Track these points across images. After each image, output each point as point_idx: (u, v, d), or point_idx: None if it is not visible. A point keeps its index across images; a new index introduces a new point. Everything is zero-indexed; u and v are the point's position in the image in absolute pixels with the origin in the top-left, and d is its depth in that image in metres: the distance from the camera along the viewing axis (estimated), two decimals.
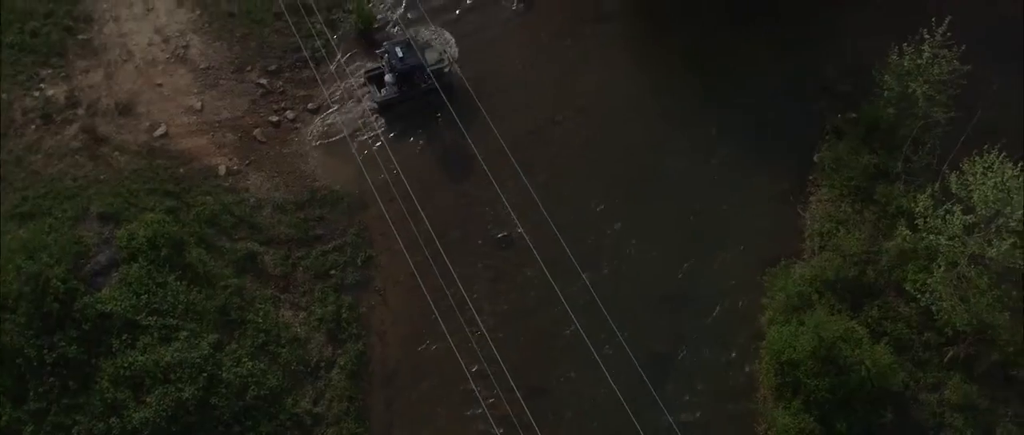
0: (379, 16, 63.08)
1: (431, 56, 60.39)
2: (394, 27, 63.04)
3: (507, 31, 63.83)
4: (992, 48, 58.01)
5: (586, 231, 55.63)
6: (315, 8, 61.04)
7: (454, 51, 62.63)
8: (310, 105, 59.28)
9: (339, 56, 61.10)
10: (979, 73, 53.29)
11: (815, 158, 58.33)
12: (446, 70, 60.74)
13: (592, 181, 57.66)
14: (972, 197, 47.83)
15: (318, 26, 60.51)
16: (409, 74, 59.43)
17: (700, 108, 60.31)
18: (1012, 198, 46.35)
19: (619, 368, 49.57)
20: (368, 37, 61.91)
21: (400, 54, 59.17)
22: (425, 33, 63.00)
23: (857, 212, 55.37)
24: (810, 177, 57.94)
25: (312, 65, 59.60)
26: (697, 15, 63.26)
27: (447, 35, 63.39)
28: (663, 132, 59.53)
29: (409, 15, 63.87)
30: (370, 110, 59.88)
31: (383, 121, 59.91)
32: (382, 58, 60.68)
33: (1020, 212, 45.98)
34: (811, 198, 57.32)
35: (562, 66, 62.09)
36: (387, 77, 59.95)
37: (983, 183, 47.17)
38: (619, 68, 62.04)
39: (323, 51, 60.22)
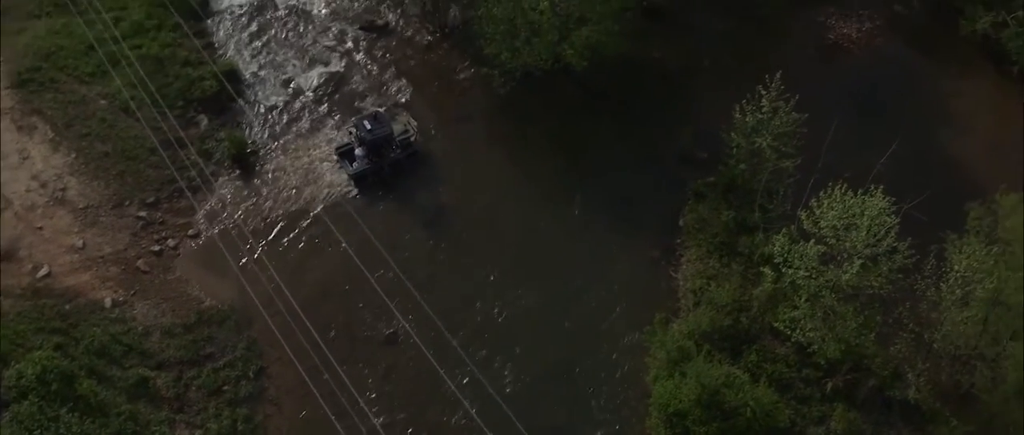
0: (251, 140, 65.22)
1: (397, 127, 63.72)
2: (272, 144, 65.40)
3: None
4: (825, 96, 63.00)
5: (469, 317, 57.27)
6: (188, 140, 63.20)
7: (414, 122, 66.01)
8: (190, 232, 60.62)
9: (224, 176, 63.41)
10: (818, 121, 56.92)
11: (681, 222, 61.14)
12: (412, 139, 64.03)
13: (471, 270, 59.48)
14: (822, 230, 50.63)
15: (192, 157, 62.41)
16: (379, 145, 62.28)
17: (569, 190, 62.84)
18: (856, 222, 49.21)
19: None
20: (242, 161, 63.84)
21: (369, 126, 62.09)
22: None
23: (725, 266, 57.83)
24: (678, 240, 60.57)
25: (189, 194, 61.28)
26: (553, 106, 66.48)
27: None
28: (536, 216, 61.84)
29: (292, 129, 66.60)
30: (348, 179, 62.91)
31: (357, 192, 62.76)
32: (351, 133, 63.80)
33: (864, 233, 48.73)
34: (681, 259, 59.80)
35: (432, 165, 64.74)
36: (357, 150, 62.74)
37: (828, 212, 50.08)
38: (487, 162, 64.74)
39: (198, 179, 61.95)
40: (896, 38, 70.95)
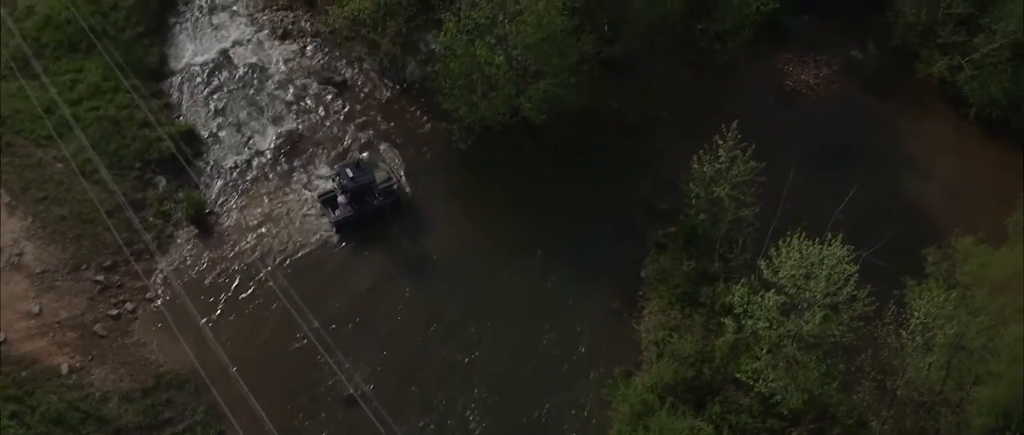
0: (209, 200, 64.66)
1: (379, 175, 63.92)
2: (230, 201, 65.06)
3: None
4: (784, 143, 63.54)
5: (433, 374, 56.95)
6: (147, 202, 63.02)
7: (401, 168, 66.16)
8: (148, 295, 59.88)
9: (182, 237, 62.88)
10: (777, 168, 57.15)
11: (642, 273, 60.96)
12: (394, 186, 64.30)
13: (434, 325, 59.17)
14: (781, 280, 50.46)
15: (150, 219, 62.04)
16: (361, 192, 62.58)
17: (531, 242, 62.85)
18: (815, 272, 49.08)
19: None
20: (201, 221, 63.31)
21: (350, 174, 62.38)
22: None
23: (686, 317, 57.58)
24: (640, 292, 60.42)
25: (145, 258, 60.89)
26: (513, 159, 66.53)
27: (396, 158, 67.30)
28: (498, 270, 61.71)
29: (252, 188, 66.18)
30: (331, 226, 62.98)
31: (340, 237, 62.74)
32: (333, 180, 64.11)
33: (823, 283, 48.61)
34: (644, 311, 59.61)
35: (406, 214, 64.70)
36: (340, 198, 63.18)
37: (787, 262, 49.94)
38: (450, 214, 64.73)
39: (156, 242, 61.44)
40: (853, 83, 71.44)
